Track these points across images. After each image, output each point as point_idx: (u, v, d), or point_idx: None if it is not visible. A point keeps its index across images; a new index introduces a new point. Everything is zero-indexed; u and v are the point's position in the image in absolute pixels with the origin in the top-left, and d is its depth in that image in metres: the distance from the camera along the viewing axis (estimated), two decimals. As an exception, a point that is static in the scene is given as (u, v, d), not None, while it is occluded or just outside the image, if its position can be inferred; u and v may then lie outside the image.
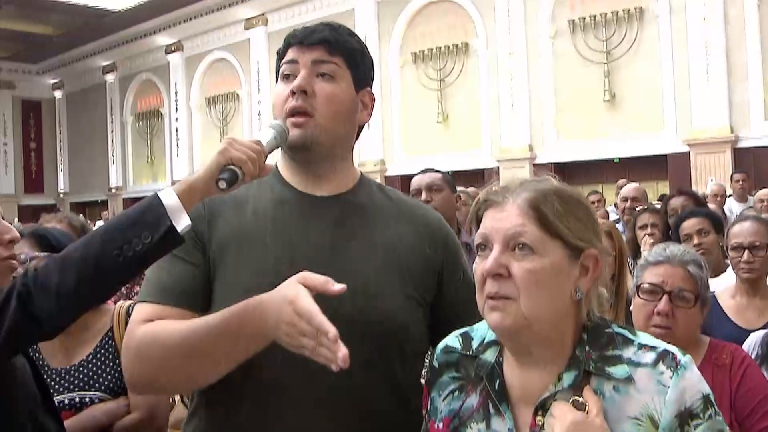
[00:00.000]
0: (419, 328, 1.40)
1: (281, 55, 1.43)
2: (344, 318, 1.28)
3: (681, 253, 1.89)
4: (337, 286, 1.12)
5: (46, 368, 2.01)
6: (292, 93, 1.36)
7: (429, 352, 2.09)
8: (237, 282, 1.31)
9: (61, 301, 1.23)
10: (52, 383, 1.98)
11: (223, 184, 1.21)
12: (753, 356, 2.02)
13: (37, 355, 2.01)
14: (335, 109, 1.38)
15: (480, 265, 1.13)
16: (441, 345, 1.30)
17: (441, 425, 1.24)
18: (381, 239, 1.39)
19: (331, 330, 1.06)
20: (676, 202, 4.03)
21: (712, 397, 1.10)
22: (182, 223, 1.20)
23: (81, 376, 2.02)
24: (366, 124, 1.51)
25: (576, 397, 1.09)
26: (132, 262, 1.19)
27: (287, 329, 1.13)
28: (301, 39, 1.39)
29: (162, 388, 1.59)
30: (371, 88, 1.49)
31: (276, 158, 1.48)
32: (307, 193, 1.41)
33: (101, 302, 1.34)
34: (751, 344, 2.13)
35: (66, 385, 2.00)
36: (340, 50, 1.39)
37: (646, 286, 1.86)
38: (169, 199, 1.20)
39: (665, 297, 1.82)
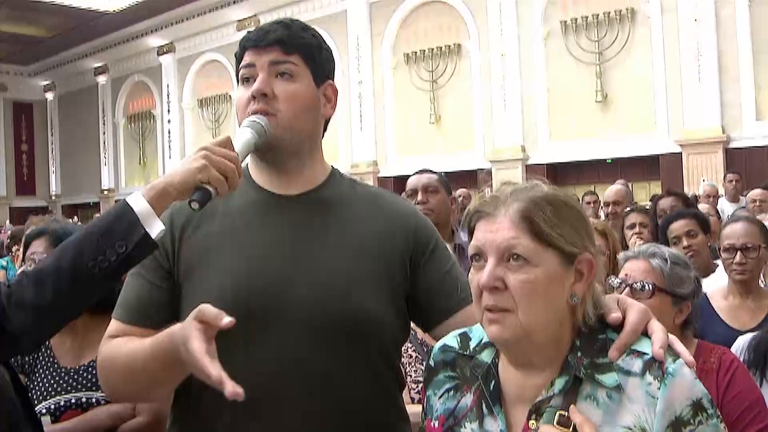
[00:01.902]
0: (395, 319, 1.39)
1: (239, 58, 1.42)
2: (318, 319, 1.31)
3: (650, 249, 1.96)
4: (226, 320, 1.09)
5: (56, 366, 2.05)
6: (253, 97, 1.36)
7: (410, 342, 2.12)
8: (205, 290, 1.31)
9: (37, 316, 1.21)
10: (61, 382, 2.02)
11: (195, 206, 1.21)
12: (741, 360, 2.01)
13: (49, 352, 2.05)
14: (297, 108, 1.37)
15: (476, 278, 1.14)
16: (439, 344, 1.31)
17: (436, 424, 1.24)
18: (351, 236, 1.39)
19: (213, 373, 1.06)
20: (665, 202, 4.04)
21: (705, 400, 1.09)
22: (156, 228, 1.20)
23: (89, 376, 2.04)
24: (332, 118, 1.50)
25: (562, 412, 1.09)
26: (108, 272, 1.19)
27: (190, 365, 1.13)
28: (255, 41, 1.39)
29: (129, 399, 1.76)
30: (333, 80, 1.48)
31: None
32: (276, 192, 1.41)
33: (81, 313, 1.33)
34: (739, 348, 2.13)
35: (74, 384, 2.03)
36: (296, 48, 1.38)
37: (616, 282, 1.94)
38: (139, 205, 1.20)
39: (627, 290, 1.90)
